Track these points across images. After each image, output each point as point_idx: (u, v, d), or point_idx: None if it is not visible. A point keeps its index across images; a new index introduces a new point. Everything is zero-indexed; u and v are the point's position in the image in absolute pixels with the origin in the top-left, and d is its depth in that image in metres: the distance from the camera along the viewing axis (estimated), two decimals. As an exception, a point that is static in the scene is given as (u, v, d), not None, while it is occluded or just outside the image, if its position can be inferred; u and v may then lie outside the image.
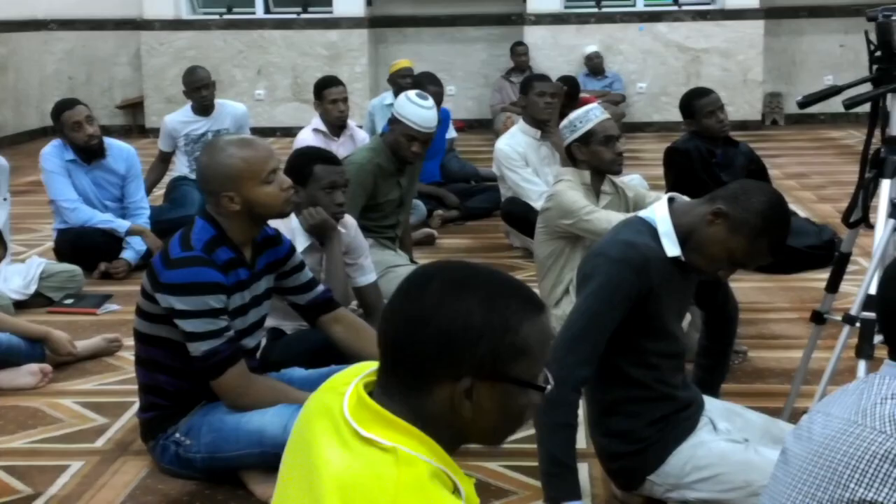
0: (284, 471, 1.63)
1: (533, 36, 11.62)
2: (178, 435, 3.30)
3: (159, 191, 7.25)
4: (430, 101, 5.04)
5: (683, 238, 2.80)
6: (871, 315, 2.98)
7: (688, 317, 3.77)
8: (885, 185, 3.15)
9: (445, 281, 1.52)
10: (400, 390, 1.52)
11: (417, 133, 4.89)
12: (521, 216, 5.92)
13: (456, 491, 1.51)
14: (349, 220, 4.26)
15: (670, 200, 2.90)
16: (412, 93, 5.09)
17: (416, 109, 4.93)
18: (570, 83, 7.80)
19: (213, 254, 3.15)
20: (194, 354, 3.16)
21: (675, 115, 6.12)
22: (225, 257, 3.18)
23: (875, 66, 3.14)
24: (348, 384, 1.57)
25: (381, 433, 1.48)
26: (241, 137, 3.42)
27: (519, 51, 11.40)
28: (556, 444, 2.78)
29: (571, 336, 2.77)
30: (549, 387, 1.56)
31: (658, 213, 2.85)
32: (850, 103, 3.09)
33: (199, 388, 3.26)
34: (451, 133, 8.13)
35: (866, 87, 3.18)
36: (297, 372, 3.54)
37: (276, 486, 1.65)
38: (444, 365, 1.49)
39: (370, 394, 1.55)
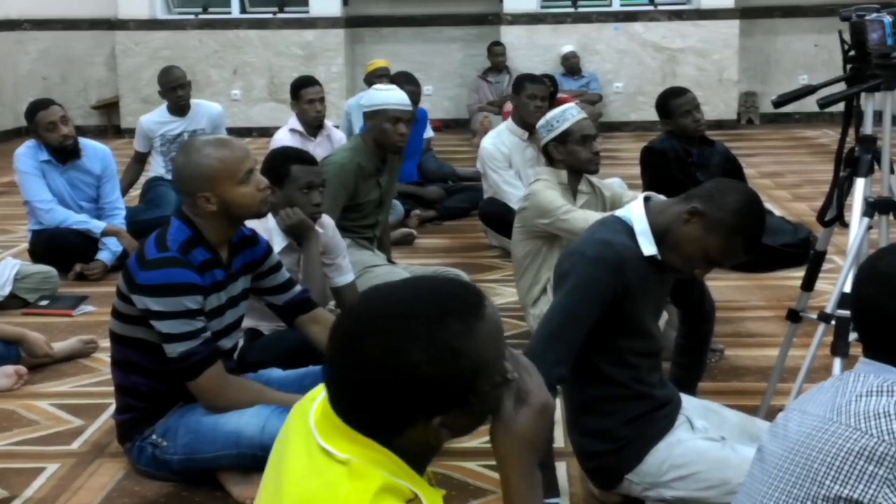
0: (265, 475, 1.63)
1: (509, 36, 11.63)
2: (154, 436, 3.28)
3: (135, 191, 7.21)
4: (394, 86, 5.13)
5: (659, 237, 2.81)
6: (846, 313, 3.00)
7: (665, 315, 3.78)
8: (860, 183, 3.18)
9: (378, 338, 1.45)
10: (365, 430, 1.48)
11: (400, 112, 4.89)
12: (499, 217, 5.92)
13: (416, 501, 1.49)
14: (326, 220, 4.25)
15: (646, 199, 2.91)
16: (375, 86, 5.17)
17: (387, 94, 4.98)
18: (550, 82, 7.82)
19: (189, 254, 3.14)
20: (171, 356, 3.14)
21: (652, 115, 6.14)
22: (201, 258, 3.17)
23: (849, 66, 3.16)
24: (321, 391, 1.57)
25: (339, 445, 1.46)
26: (217, 137, 3.40)
27: (496, 51, 11.41)
28: None
29: (548, 335, 2.77)
30: (514, 375, 1.55)
31: (634, 212, 2.86)
32: (825, 102, 3.11)
33: (175, 390, 3.25)
34: (429, 133, 8.13)
35: (840, 87, 3.20)
36: (275, 373, 3.53)
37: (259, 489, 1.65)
38: (408, 416, 1.47)
39: None
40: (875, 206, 3.19)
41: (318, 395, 1.57)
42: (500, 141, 6.01)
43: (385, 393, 1.45)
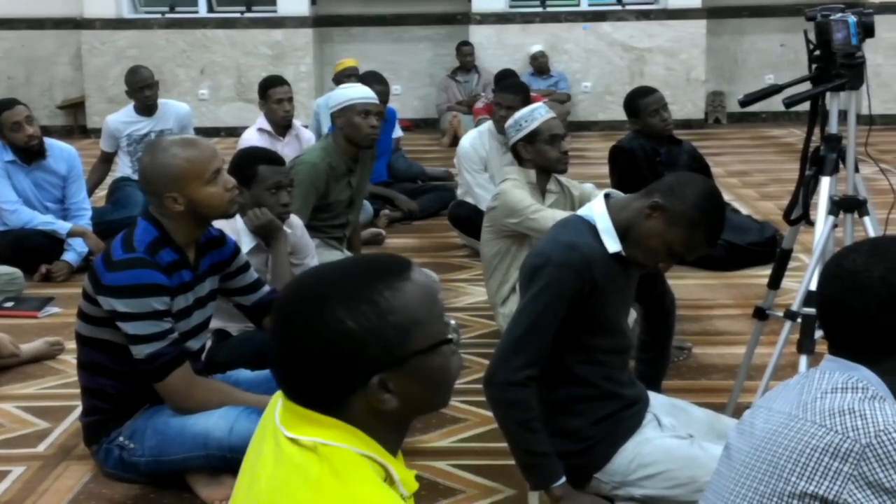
0: (238, 480, 1.62)
1: (478, 35, 11.64)
2: (121, 439, 3.26)
3: (101, 192, 7.16)
4: (358, 83, 5.18)
5: (623, 233, 2.83)
6: (812, 311, 3.02)
7: (633, 314, 3.79)
8: (825, 182, 3.20)
9: (303, 304, 1.47)
10: (320, 411, 1.49)
11: (369, 105, 4.89)
12: (467, 219, 5.92)
13: (388, 478, 1.49)
14: (295, 220, 4.24)
15: (606, 196, 2.92)
16: (341, 85, 5.18)
17: (352, 90, 5.01)
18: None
19: (156, 255, 3.12)
20: (137, 357, 3.12)
21: (620, 114, 6.16)
22: (168, 259, 3.15)
23: (814, 65, 3.19)
24: None
25: (304, 431, 1.47)
26: (184, 137, 3.38)
27: (464, 50, 11.42)
28: (523, 440, 2.82)
29: (516, 338, 2.79)
30: (454, 335, 1.54)
31: (596, 210, 2.87)
32: (791, 102, 3.14)
33: (142, 391, 3.23)
34: (398, 132, 8.12)
35: (806, 86, 3.22)
36: (244, 374, 3.52)
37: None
38: (345, 381, 1.46)
39: None
40: (840, 205, 3.22)
41: (280, 398, 1.57)
42: (479, 143, 5.97)
43: (317, 357, 1.45)
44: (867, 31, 3.12)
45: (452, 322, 1.56)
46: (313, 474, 1.42)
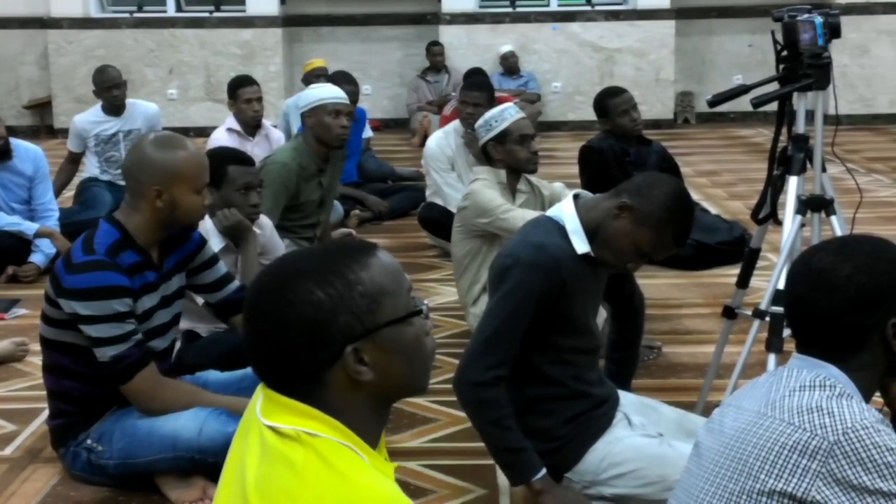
0: (221, 480, 1.61)
1: (448, 35, 11.64)
2: (89, 441, 3.24)
3: (69, 192, 7.10)
4: (328, 83, 5.20)
5: (591, 233, 2.84)
6: (780, 309, 3.04)
7: (602, 313, 3.80)
8: (793, 181, 3.23)
9: (273, 282, 1.52)
10: (299, 397, 1.51)
11: (340, 105, 4.89)
12: (437, 222, 5.91)
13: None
14: (264, 221, 4.22)
15: (575, 197, 2.93)
16: (311, 85, 5.22)
17: (322, 90, 5.01)
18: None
19: (117, 257, 3.09)
20: (101, 360, 3.10)
21: (590, 114, 6.17)
22: (131, 260, 3.12)
23: (782, 66, 3.21)
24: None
25: (285, 420, 1.48)
26: (193, 143, 3.37)
27: (434, 50, 11.42)
28: (497, 438, 2.82)
29: (484, 339, 2.80)
30: (424, 306, 1.57)
31: (565, 211, 2.88)
32: (758, 102, 3.16)
33: (109, 394, 3.20)
34: (368, 132, 8.10)
35: (774, 86, 3.25)
36: (213, 375, 3.50)
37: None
38: (319, 353, 1.49)
39: None
40: (807, 204, 3.24)
41: (262, 390, 1.58)
42: (445, 142, 5.97)
43: (289, 331, 1.48)
44: (833, 31, 3.14)
45: (422, 300, 1.59)
46: (299, 462, 1.44)
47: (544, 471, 2.80)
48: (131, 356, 3.10)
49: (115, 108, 6.85)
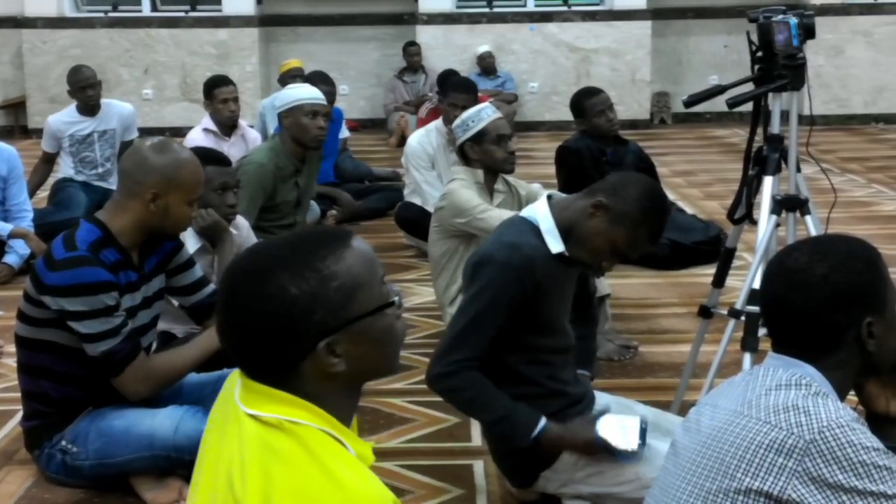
0: (197, 467, 1.61)
1: (425, 35, 11.64)
2: (64, 443, 3.22)
3: (43, 193, 7.05)
4: (306, 84, 5.21)
5: (565, 233, 2.84)
6: (756, 309, 3.06)
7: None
8: (768, 181, 3.24)
9: (247, 274, 1.52)
10: (274, 384, 1.52)
11: (317, 106, 4.89)
12: (414, 221, 5.90)
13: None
14: (241, 221, 4.21)
15: (549, 198, 2.94)
16: (288, 85, 5.23)
17: (299, 90, 5.00)
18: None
19: (99, 254, 3.08)
20: (92, 355, 3.08)
21: (567, 115, 6.19)
22: (112, 258, 3.11)
23: (757, 66, 3.23)
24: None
25: (264, 408, 1.49)
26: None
27: (411, 51, 11.41)
28: (481, 415, 2.86)
29: (453, 336, 2.82)
30: (397, 298, 1.58)
31: (539, 211, 2.89)
32: (734, 102, 3.17)
33: (84, 395, 3.19)
34: (345, 133, 8.09)
35: (749, 87, 3.26)
36: (189, 376, 3.48)
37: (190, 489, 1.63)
38: (293, 346, 1.49)
39: None
40: (782, 204, 3.26)
41: (238, 378, 1.58)
42: (427, 140, 5.97)
43: (263, 325, 1.48)
44: (808, 32, 3.16)
45: (395, 287, 1.60)
46: (284, 450, 1.45)
47: (543, 421, 2.80)
48: (122, 350, 3.09)
49: (89, 108, 6.81)
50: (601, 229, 2.80)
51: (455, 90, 6.07)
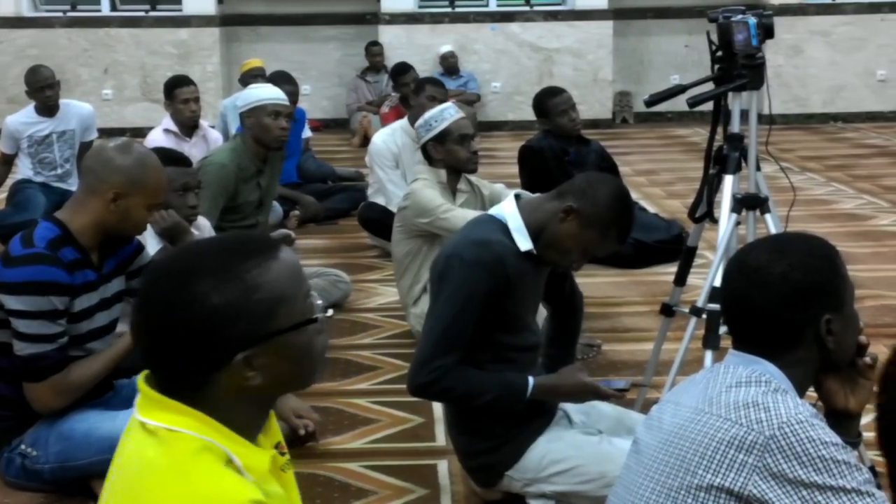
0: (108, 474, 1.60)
1: (387, 35, 11.63)
2: (23, 446, 3.18)
3: (1, 194, 6.97)
4: (269, 84, 5.20)
5: (535, 234, 2.85)
6: (717, 307, 3.08)
7: (542, 312, 3.82)
8: (728, 180, 3.26)
9: (169, 278, 1.48)
10: (182, 391, 1.48)
11: (280, 106, 4.86)
12: (377, 221, 5.89)
13: (230, 464, 1.47)
14: (202, 222, 4.18)
15: (516, 196, 2.95)
16: (250, 85, 5.21)
17: (262, 90, 4.98)
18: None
19: (58, 252, 3.05)
20: (18, 353, 3.04)
21: (529, 114, 6.21)
22: (70, 257, 3.08)
23: (717, 66, 3.25)
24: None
25: (153, 416, 1.47)
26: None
27: (374, 51, 11.40)
28: (478, 398, 2.84)
29: (434, 342, 2.81)
30: (321, 315, 1.55)
31: (507, 209, 2.90)
32: (694, 102, 3.19)
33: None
34: (307, 133, 8.06)
35: (709, 86, 3.28)
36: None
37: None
38: (209, 357, 1.46)
39: None
40: (743, 203, 3.28)
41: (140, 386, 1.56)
42: (391, 139, 5.96)
43: (180, 332, 1.45)
44: (767, 32, 3.19)
45: (319, 302, 1.57)
46: (148, 457, 1.43)
47: (531, 381, 2.84)
48: (50, 358, 3.05)
49: (48, 108, 6.74)
50: (572, 232, 2.82)
51: (430, 84, 6.15)
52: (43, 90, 6.69)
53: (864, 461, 2.03)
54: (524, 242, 2.85)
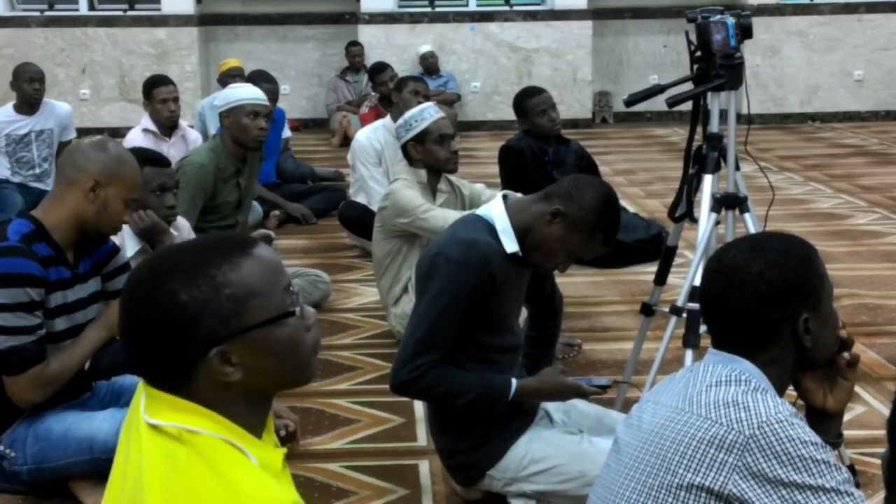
0: (110, 477, 1.59)
1: (367, 35, 11.61)
2: (1, 447, 3.16)
3: (-22, 195, 6.91)
4: (248, 84, 5.22)
5: (521, 236, 2.85)
6: (696, 306, 3.09)
7: (523, 312, 3.83)
8: (707, 180, 3.28)
9: (144, 279, 1.51)
10: (172, 391, 1.50)
11: (259, 106, 4.85)
12: (358, 220, 5.89)
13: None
14: (181, 223, 4.16)
15: (504, 197, 2.95)
16: (229, 85, 5.21)
17: (241, 90, 4.97)
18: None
19: (31, 247, 3.03)
20: None
21: (509, 114, 6.22)
22: (44, 253, 3.06)
23: (695, 66, 3.27)
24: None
25: (166, 416, 1.48)
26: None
27: (353, 51, 11.38)
28: (460, 397, 2.83)
29: (417, 340, 2.81)
30: (297, 309, 1.54)
31: (494, 210, 2.89)
32: (673, 101, 3.21)
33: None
34: (286, 132, 8.04)
35: (688, 86, 3.30)
36: (129, 379, 3.44)
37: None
38: (183, 353, 1.47)
39: None
40: (722, 202, 3.30)
41: (143, 387, 1.57)
42: (374, 136, 5.95)
43: (152, 330, 1.47)
44: (745, 32, 3.21)
45: (300, 298, 1.57)
46: (181, 460, 1.43)
47: (514, 382, 2.85)
48: (29, 350, 3.03)
49: (31, 104, 6.69)
50: (559, 235, 2.82)
51: (411, 80, 6.20)
52: (33, 81, 6.66)
53: (843, 460, 2.05)
54: (510, 244, 2.85)
